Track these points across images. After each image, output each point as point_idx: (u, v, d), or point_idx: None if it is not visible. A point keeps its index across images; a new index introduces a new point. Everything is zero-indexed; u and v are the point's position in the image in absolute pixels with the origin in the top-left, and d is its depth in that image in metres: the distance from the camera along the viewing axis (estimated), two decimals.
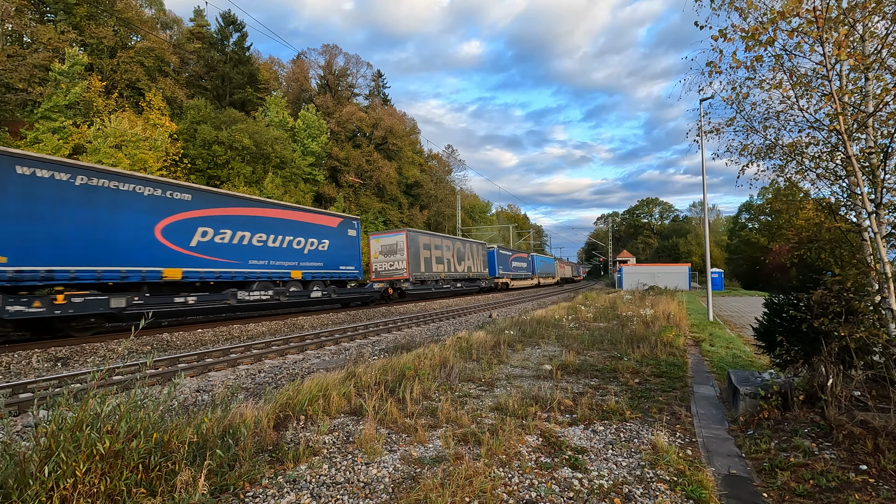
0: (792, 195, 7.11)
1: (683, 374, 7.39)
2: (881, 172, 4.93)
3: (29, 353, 9.48)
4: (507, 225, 77.40)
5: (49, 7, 28.12)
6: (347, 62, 52.80)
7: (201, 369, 8.49)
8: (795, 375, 5.24)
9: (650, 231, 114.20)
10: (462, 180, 77.71)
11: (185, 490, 2.99)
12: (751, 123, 5.96)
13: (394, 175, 49.01)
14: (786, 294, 5.86)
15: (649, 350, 9.07)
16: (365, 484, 3.54)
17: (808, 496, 3.42)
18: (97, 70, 27.81)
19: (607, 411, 5.28)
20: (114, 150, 22.04)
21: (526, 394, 5.98)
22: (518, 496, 3.35)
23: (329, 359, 9.94)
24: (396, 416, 4.92)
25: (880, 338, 4.57)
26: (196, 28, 39.62)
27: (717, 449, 4.40)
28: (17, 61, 23.48)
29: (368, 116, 49.15)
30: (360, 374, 6.34)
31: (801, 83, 5.15)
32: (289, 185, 34.34)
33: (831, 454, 3.99)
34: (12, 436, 3.87)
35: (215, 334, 12.88)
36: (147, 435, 3.18)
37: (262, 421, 4.25)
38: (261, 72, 43.15)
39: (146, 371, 3.95)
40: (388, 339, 12.88)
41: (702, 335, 12.21)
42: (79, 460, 2.75)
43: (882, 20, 4.77)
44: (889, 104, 4.86)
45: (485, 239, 60.13)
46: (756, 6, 4.91)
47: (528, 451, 4.17)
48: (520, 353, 9.07)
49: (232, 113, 32.86)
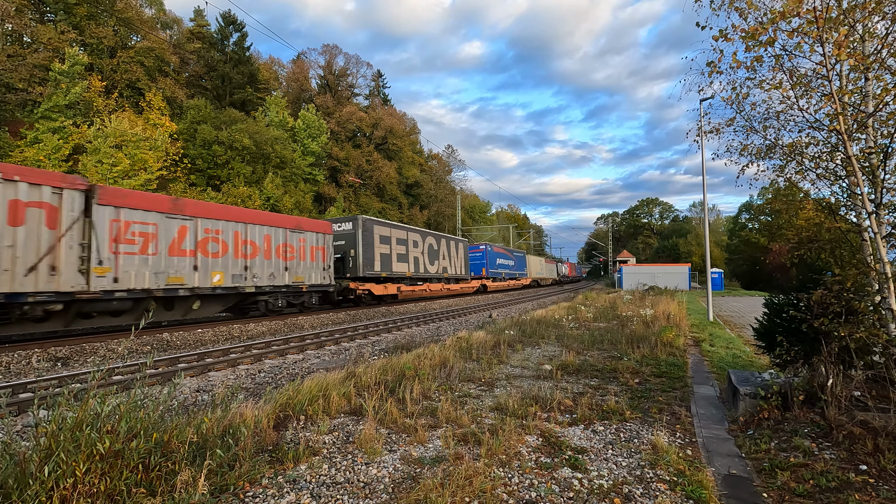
0: (792, 195, 7.11)
1: (683, 374, 7.39)
2: (881, 172, 4.94)
3: (29, 353, 9.47)
4: (507, 225, 77.42)
5: (49, 7, 28.12)
6: (347, 62, 52.87)
7: (201, 369, 8.49)
8: (795, 375, 5.24)
9: (650, 231, 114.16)
10: (462, 180, 77.84)
11: (185, 490, 2.99)
12: (751, 123, 5.96)
13: (394, 175, 49.04)
14: (786, 294, 5.86)
15: (649, 350, 9.07)
16: (365, 484, 3.54)
17: (808, 496, 3.42)
18: (97, 70, 27.82)
19: (607, 411, 5.28)
20: (114, 150, 22.04)
21: (526, 394, 5.97)
22: (518, 496, 3.35)
23: (329, 359, 9.94)
24: (396, 416, 4.92)
25: (880, 338, 4.57)
26: (196, 28, 39.62)
27: (717, 449, 4.40)
28: (17, 61, 23.48)
29: (368, 116, 49.17)
30: (360, 374, 6.34)
31: (801, 83, 5.15)
32: (289, 185, 34.35)
33: (831, 454, 3.99)
34: (12, 436, 3.87)
35: (215, 334, 12.88)
36: (147, 435, 3.18)
37: (262, 421, 4.25)
38: (261, 72, 43.17)
39: (146, 371, 3.95)
40: (388, 339, 12.88)
41: (702, 335, 12.21)
42: (79, 460, 2.75)
43: (882, 20, 4.77)
44: (889, 104, 4.86)
45: (485, 239, 59.94)
46: (756, 6, 4.91)
47: (528, 451, 4.17)
48: (520, 353, 9.07)
49: (232, 113, 32.88)
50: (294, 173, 35.84)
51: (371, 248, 20.79)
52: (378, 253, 21.35)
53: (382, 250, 21.74)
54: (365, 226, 20.64)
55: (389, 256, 22.34)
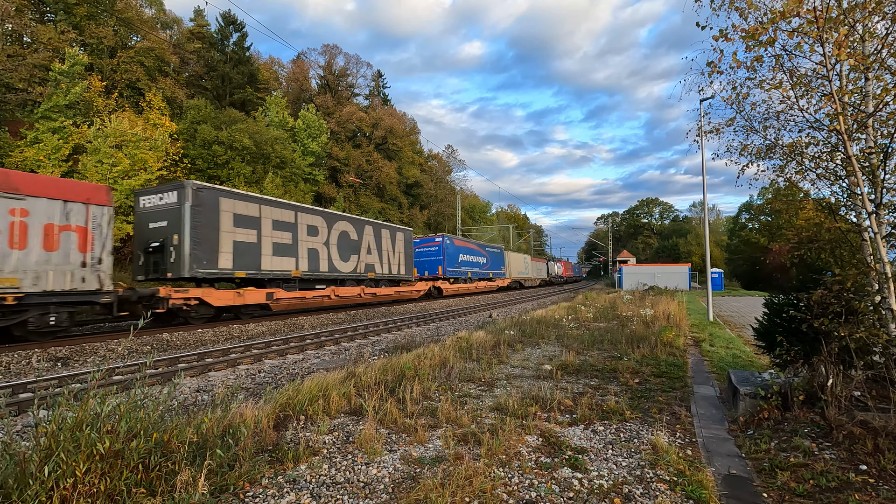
0: (792, 195, 7.11)
1: (683, 374, 7.39)
2: (881, 172, 4.94)
3: (29, 353, 9.47)
4: (507, 225, 77.41)
5: (49, 7, 28.12)
6: (347, 62, 52.86)
7: (201, 369, 8.49)
8: (795, 375, 5.24)
9: (650, 231, 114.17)
10: (462, 180, 77.73)
11: (185, 490, 2.99)
12: (751, 123, 5.96)
13: (394, 175, 49.02)
14: (786, 294, 5.86)
15: (649, 350, 9.07)
16: (365, 484, 3.54)
17: (808, 496, 3.42)
18: (97, 70, 27.81)
19: (607, 411, 5.28)
20: (114, 150, 22.03)
21: (526, 394, 5.97)
22: (518, 496, 3.35)
23: (329, 359, 9.94)
24: (396, 416, 4.92)
25: (880, 338, 4.57)
26: (196, 28, 39.61)
27: (717, 449, 4.40)
28: (17, 61, 23.48)
29: (368, 116, 49.16)
30: (360, 374, 6.34)
31: (801, 83, 5.15)
32: (289, 185, 34.34)
33: (831, 454, 3.99)
34: (12, 436, 3.86)
35: (215, 334, 12.87)
36: (147, 435, 3.18)
37: (262, 421, 4.25)
38: (261, 72, 43.16)
39: (146, 371, 3.95)
40: (388, 339, 12.88)
41: (702, 335, 12.21)
42: (79, 460, 2.75)
43: (882, 20, 4.77)
44: (889, 104, 4.86)
45: (484, 239, 59.60)
46: (756, 6, 4.92)
47: (528, 451, 4.17)
48: (520, 353, 9.07)
49: (232, 113, 32.87)
50: (294, 173, 35.83)
51: (212, 231, 13.92)
52: (229, 241, 14.45)
53: (239, 236, 14.86)
54: (199, 197, 13.48)
55: (256, 247, 15.41)
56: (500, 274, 40.28)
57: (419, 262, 29.80)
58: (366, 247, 21.59)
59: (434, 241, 30.24)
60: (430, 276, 29.58)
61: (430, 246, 30.22)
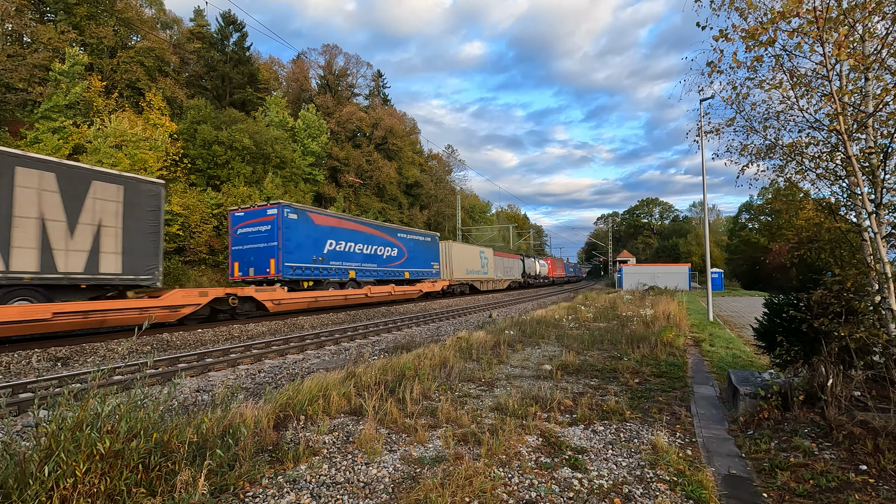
0: (792, 195, 7.11)
1: (683, 375, 7.39)
2: (881, 172, 4.93)
3: (29, 353, 9.48)
4: (508, 225, 77.43)
5: (49, 7, 28.12)
6: (347, 62, 52.84)
7: (201, 369, 8.49)
8: (795, 375, 5.24)
9: (650, 231, 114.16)
10: (462, 180, 77.79)
11: (185, 490, 2.99)
12: (751, 123, 5.96)
13: (394, 175, 49.00)
14: (786, 294, 5.86)
15: (649, 350, 9.07)
16: (365, 484, 3.54)
17: (808, 496, 3.42)
18: (97, 70, 27.81)
19: (607, 411, 5.28)
20: (114, 150, 22.04)
21: (526, 394, 5.97)
22: (518, 496, 3.35)
23: (329, 359, 9.94)
24: (396, 416, 4.92)
25: (880, 338, 4.57)
26: (196, 28, 39.60)
27: (717, 449, 4.40)
28: (17, 61, 23.47)
29: (368, 116, 49.16)
30: (360, 374, 6.34)
31: (801, 83, 5.15)
32: (289, 185, 34.34)
33: (831, 454, 3.99)
34: (12, 436, 3.86)
35: (215, 334, 12.87)
36: (147, 435, 3.18)
37: (262, 421, 4.25)
38: (261, 72, 43.14)
39: (146, 371, 3.95)
40: (388, 339, 12.88)
41: (702, 335, 12.21)
42: (79, 460, 2.75)
43: (882, 20, 4.77)
44: (889, 104, 4.86)
45: (484, 239, 59.53)
46: (756, 6, 4.91)
47: (528, 451, 4.17)
48: (520, 353, 9.07)
49: (232, 113, 32.87)
50: (294, 173, 35.82)
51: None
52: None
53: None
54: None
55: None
56: (429, 273, 28.29)
57: (238, 252, 18.07)
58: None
59: (266, 216, 17.25)
60: (258, 274, 17.31)
61: (256, 223, 17.50)
